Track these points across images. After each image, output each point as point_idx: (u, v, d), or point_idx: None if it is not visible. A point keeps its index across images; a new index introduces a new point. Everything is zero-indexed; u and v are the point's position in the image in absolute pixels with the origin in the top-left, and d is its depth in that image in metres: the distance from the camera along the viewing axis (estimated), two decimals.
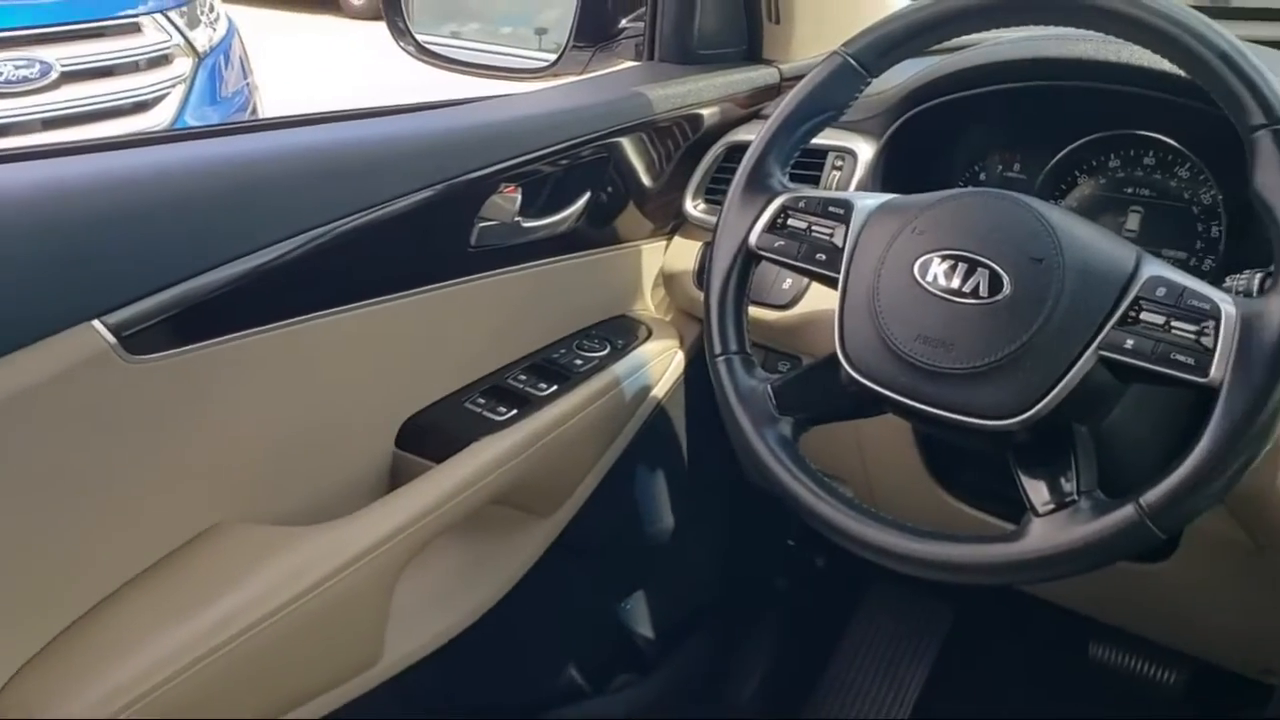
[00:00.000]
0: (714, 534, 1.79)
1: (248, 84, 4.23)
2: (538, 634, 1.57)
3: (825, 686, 1.92)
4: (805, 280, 1.31)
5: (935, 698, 1.88)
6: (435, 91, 1.47)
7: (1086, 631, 1.71)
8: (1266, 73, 0.85)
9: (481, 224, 1.26)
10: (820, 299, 1.28)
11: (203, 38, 3.96)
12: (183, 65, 3.85)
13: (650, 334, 1.49)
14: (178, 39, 3.82)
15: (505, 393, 1.32)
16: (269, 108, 4.39)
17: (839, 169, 1.32)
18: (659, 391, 1.51)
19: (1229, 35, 0.87)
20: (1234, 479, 0.82)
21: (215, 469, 1.08)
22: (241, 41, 4.31)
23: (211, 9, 4.16)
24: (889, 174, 1.29)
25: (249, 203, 1.04)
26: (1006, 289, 0.89)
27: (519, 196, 1.30)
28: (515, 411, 1.29)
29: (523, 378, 1.34)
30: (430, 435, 1.26)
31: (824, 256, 1.02)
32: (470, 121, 1.28)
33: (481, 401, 1.30)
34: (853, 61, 1.03)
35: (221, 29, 4.16)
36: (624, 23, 1.58)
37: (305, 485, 1.17)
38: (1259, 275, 0.89)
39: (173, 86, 3.79)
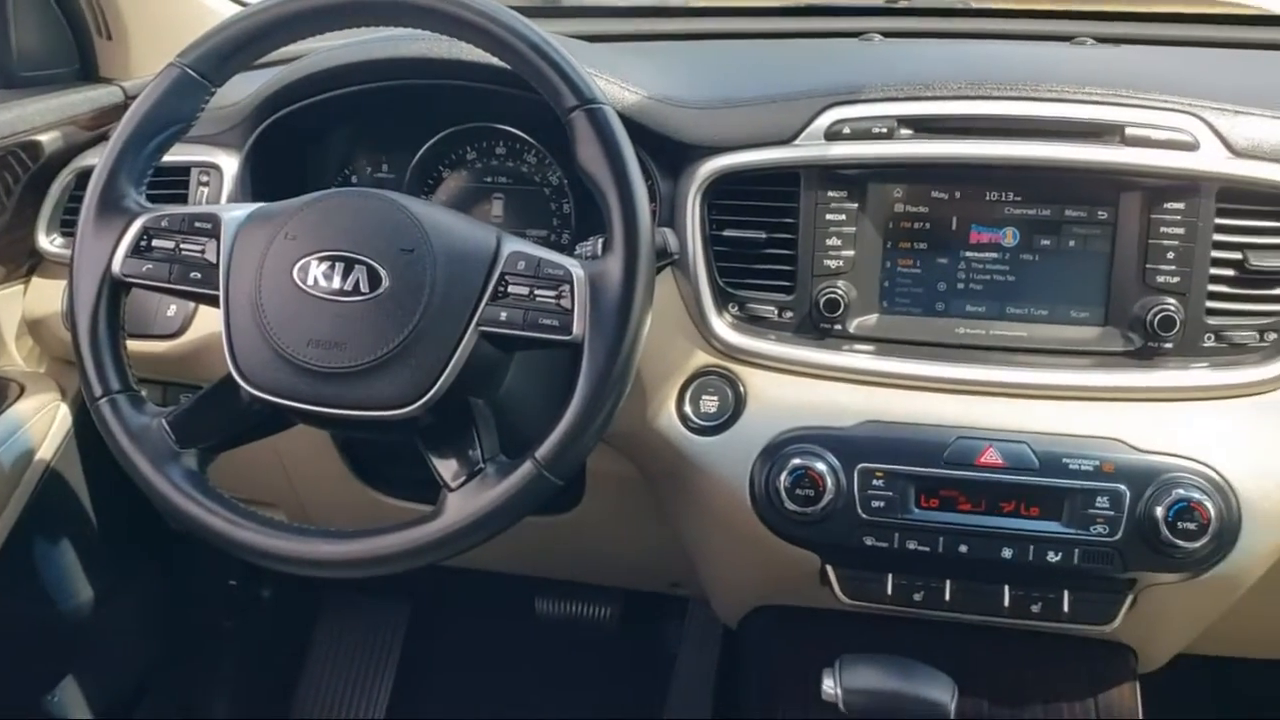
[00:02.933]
0: (148, 590, 1.66)
1: None
2: None
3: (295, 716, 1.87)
4: (192, 304, 1.24)
5: (405, 699, 1.91)
6: None
7: (531, 590, 1.84)
8: (575, 61, 0.96)
9: None
10: (212, 321, 1.22)
11: None
12: None
13: (22, 391, 1.33)
14: None
15: None
16: None
17: (205, 184, 1.27)
18: (45, 453, 1.35)
19: (538, 29, 0.96)
20: (607, 421, 0.92)
21: None
22: None
23: None
24: (258, 184, 1.26)
25: None
26: (386, 282, 0.92)
27: None
28: None
29: None
30: None
31: (199, 275, 0.97)
32: None
33: None
34: (191, 71, 0.99)
35: None
36: None
37: None
38: (600, 239, 1.00)
39: None
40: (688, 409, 1.14)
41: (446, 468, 0.95)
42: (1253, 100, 1.07)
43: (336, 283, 0.92)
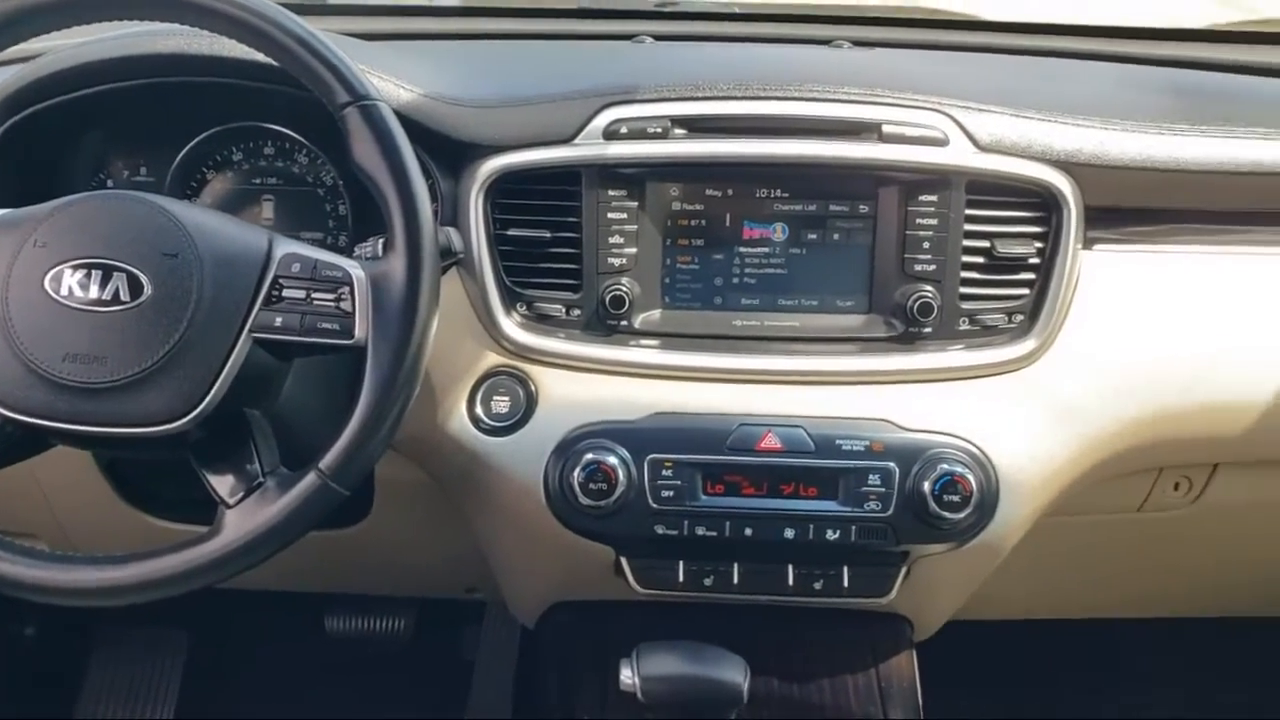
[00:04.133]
0: None
1: None
2: None
3: None
4: None
5: None
6: None
7: (319, 607, 1.78)
8: (346, 56, 0.93)
9: None
10: None
11: None
12: None
13: None
14: None
15: None
16: None
17: None
18: None
19: (305, 23, 0.93)
20: (395, 426, 0.90)
21: None
22: None
23: None
24: (1, 190, 1.16)
25: None
26: (148, 290, 0.87)
27: None
28: None
29: None
30: None
31: None
32: None
33: None
34: None
35: None
36: None
37: None
38: (380, 240, 0.98)
39: None
40: (479, 410, 1.14)
41: (223, 484, 0.91)
42: (995, 99, 1.16)
43: (94, 292, 0.87)
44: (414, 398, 0.92)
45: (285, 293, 0.90)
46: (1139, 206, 1.20)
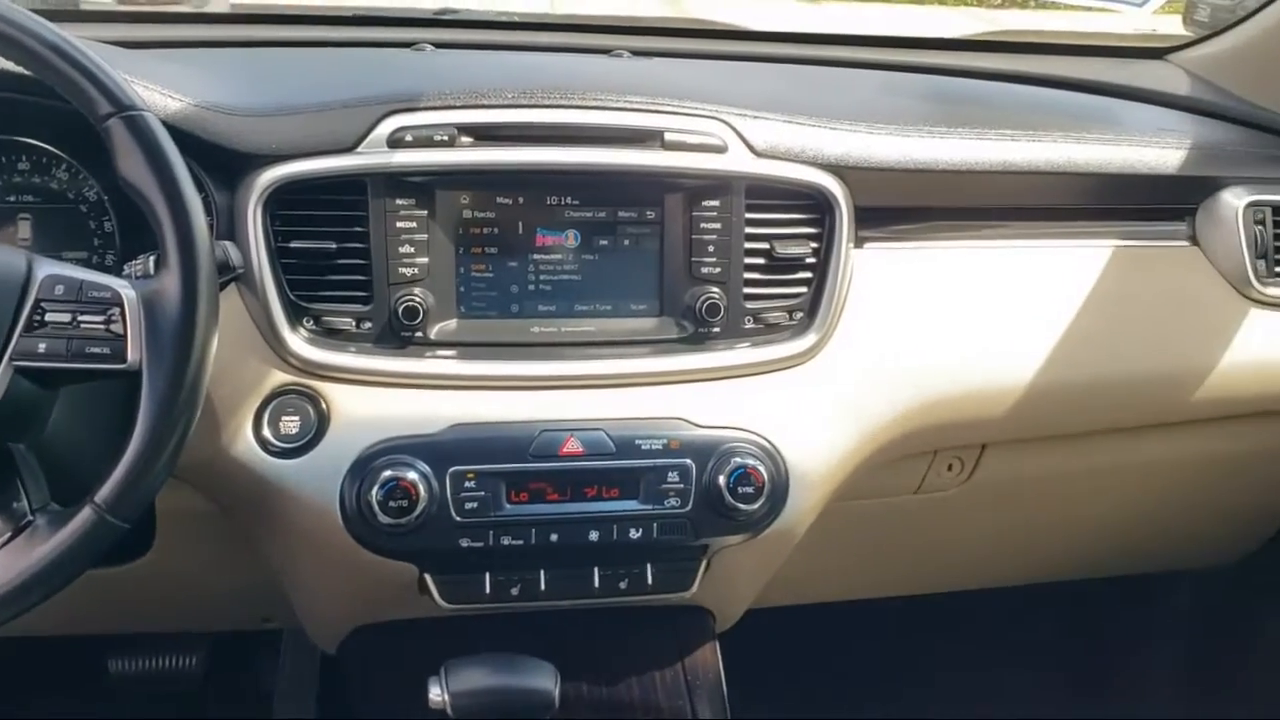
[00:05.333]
0: None
1: None
2: None
3: None
4: None
5: None
6: None
7: (101, 651, 1.66)
8: (107, 65, 0.88)
9: None
10: None
11: None
12: None
13: None
14: None
15: None
16: None
17: None
18: None
19: (61, 31, 0.87)
20: (175, 453, 0.86)
21: None
22: None
23: None
24: None
25: None
26: None
27: None
28: None
29: None
30: None
31: None
32: None
33: None
34: None
35: None
36: None
37: None
38: (151, 257, 0.93)
39: None
40: (266, 432, 1.09)
41: None
42: (770, 107, 1.21)
43: None
44: (195, 422, 0.88)
45: (48, 317, 0.84)
46: (905, 205, 1.28)
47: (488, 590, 1.16)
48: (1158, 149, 1.35)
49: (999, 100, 1.53)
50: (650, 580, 1.18)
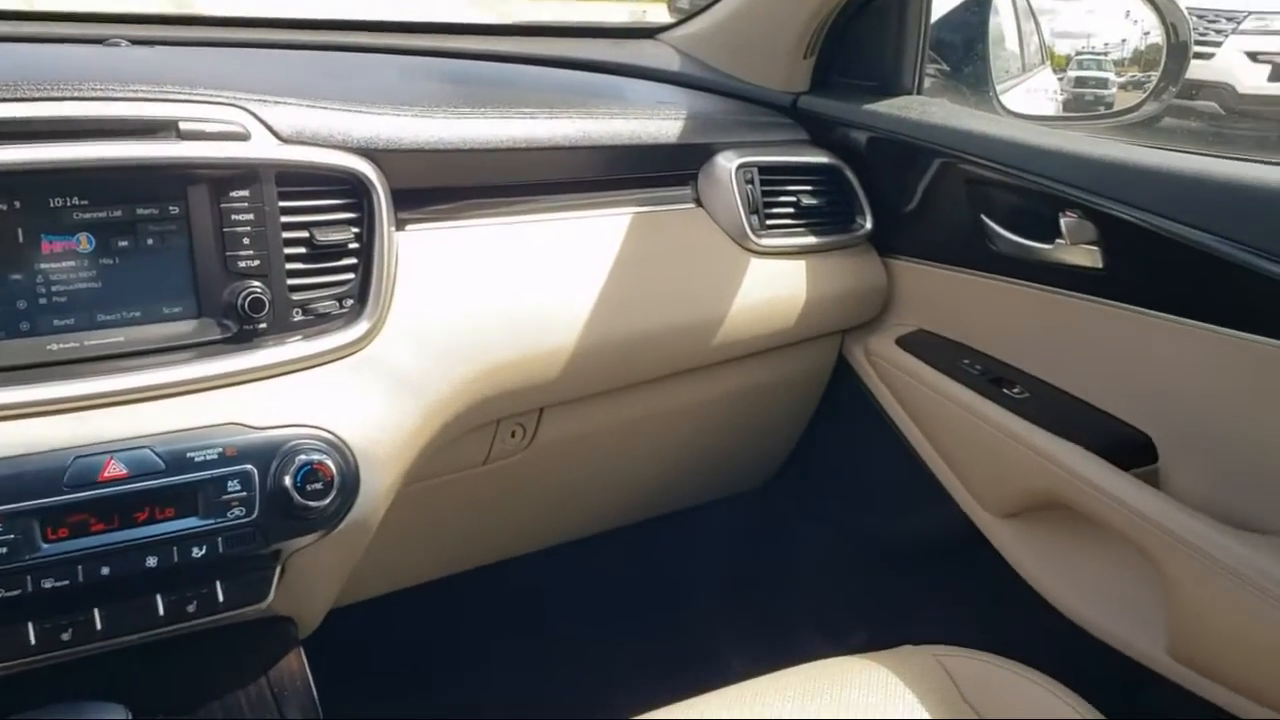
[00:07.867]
0: None
1: None
2: None
3: None
4: None
5: None
6: None
7: None
8: None
9: None
10: None
11: None
12: None
13: None
14: None
15: None
16: None
17: None
18: None
19: None
20: None
21: None
22: None
23: None
24: None
25: None
26: None
27: None
28: None
29: None
30: None
31: None
32: None
33: None
34: None
35: None
36: None
37: None
38: None
39: None
40: None
41: None
42: (291, 93, 1.17)
43: None
44: None
45: None
46: (441, 186, 1.31)
47: (34, 641, 1.03)
48: (659, 121, 1.48)
49: (517, 81, 1.60)
50: (222, 598, 1.12)
